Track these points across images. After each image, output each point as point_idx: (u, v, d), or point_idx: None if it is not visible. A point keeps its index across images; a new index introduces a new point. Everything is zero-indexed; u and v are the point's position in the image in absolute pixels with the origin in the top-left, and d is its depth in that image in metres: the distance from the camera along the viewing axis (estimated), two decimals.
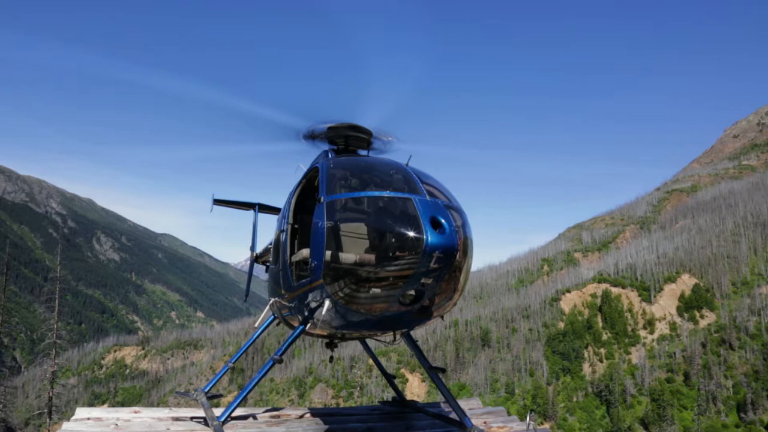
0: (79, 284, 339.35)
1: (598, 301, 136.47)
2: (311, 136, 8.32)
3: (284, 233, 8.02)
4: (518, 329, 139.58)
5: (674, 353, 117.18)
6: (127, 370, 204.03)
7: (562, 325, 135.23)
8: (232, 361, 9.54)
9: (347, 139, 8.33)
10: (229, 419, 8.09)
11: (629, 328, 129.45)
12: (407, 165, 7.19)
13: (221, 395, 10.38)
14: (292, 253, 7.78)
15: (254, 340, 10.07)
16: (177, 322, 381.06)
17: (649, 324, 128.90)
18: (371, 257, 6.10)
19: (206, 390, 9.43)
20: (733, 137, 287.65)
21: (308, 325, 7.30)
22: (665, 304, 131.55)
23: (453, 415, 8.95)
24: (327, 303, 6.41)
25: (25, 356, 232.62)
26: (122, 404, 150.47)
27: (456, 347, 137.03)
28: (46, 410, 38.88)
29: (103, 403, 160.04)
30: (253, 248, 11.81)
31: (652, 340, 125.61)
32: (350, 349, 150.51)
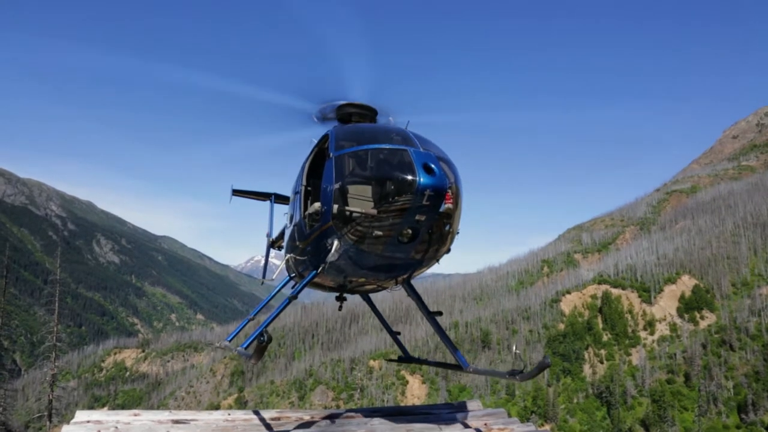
0: (79, 287, 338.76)
1: (599, 302, 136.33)
2: (322, 116, 9.34)
3: (299, 195, 9.05)
4: (518, 331, 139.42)
5: (675, 354, 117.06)
6: (127, 373, 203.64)
7: (562, 326, 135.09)
8: (252, 315, 10.29)
9: (354, 116, 9.26)
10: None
11: (629, 330, 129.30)
12: (406, 128, 8.20)
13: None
14: (306, 210, 8.58)
15: (272, 297, 11.05)
16: (177, 324, 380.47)
17: (650, 325, 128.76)
18: (374, 198, 7.09)
19: (228, 340, 10.37)
20: (732, 138, 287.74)
21: (320, 269, 8.15)
22: (665, 305, 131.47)
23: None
24: (336, 243, 7.37)
25: (25, 359, 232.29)
26: (122, 407, 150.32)
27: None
28: (46, 413, 38.78)
29: (103, 406, 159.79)
30: (270, 234, 13.26)
31: (653, 341, 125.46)
32: (350, 351, 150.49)
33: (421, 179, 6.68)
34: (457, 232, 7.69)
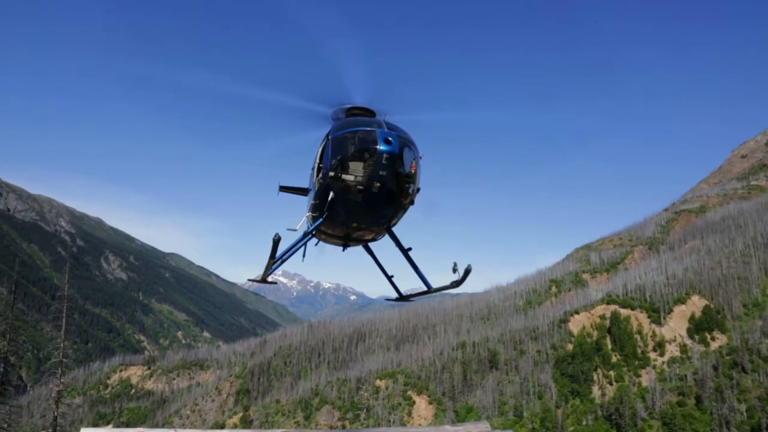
0: (86, 303, 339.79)
1: (607, 322, 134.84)
2: (335, 117, 12.05)
3: (314, 169, 12.30)
4: (526, 351, 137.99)
5: (685, 376, 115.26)
6: (133, 390, 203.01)
7: (570, 347, 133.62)
8: (278, 265, 13.43)
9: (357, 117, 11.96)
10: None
11: (639, 351, 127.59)
12: (383, 119, 11.09)
13: (275, 282, 16.41)
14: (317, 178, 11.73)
15: (296, 250, 13.50)
16: (183, 341, 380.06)
17: (659, 346, 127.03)
18: (354, 163, 10.29)
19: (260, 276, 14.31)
20: (741, 157, 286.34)
21: (325, 215, 11.10)
22: (675, 326, 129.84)
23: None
24: (331, 194, 10.55)
25: (31, 375, 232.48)
26: (127, 425, 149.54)
27: (463, 369, 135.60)
28: (50, 430, 38.60)
29: (107, 423, 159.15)
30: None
31: (663, 363, 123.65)
32: (357, 370, 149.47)
33: (381, 147, 9.98)
34: (418, 189, 10.88)
